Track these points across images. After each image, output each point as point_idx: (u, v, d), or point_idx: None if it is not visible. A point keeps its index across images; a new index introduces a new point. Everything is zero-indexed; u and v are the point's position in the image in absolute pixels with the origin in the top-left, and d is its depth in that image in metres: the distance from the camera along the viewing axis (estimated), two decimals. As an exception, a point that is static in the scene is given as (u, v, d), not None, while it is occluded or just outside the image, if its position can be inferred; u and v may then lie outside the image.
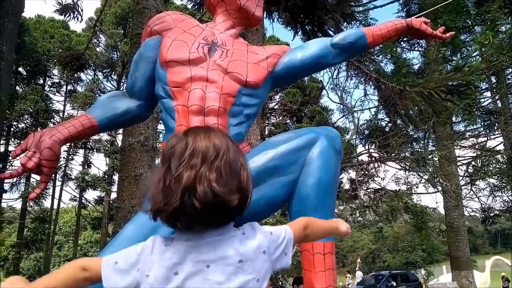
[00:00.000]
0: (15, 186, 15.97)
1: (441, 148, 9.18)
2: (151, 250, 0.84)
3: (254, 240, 0.86)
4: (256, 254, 0.85)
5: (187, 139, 0.84)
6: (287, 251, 0.91)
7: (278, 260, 0.89)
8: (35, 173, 1.44)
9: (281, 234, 0.91)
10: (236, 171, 0.84)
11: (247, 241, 0.85)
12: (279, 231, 0.92)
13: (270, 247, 0.88)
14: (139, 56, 1.71)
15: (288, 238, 0.92)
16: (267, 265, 0.86)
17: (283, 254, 0.90)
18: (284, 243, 0.91)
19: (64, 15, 9.15)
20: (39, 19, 19.63)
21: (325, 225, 1.07)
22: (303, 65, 1.71)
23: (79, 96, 16.99)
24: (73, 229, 23.36)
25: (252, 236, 0.87)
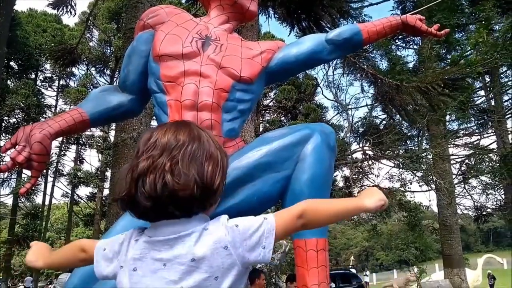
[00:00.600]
0: (6, 181, 15.86)
1: (435, 146, 9.23)
2: (128, 242, 0.85)
3: (212, 235, 0.80)
4: (214, 250, 0.79)
5: (155, 131, 0.86)
6: (265, 244, 0.81)
7: (250, 253, 0.81)
8: (25, 168, 1.41)
9: (253, 225, 0.82)
10: (198, 163, 0.82)
11: (205, 238, 0.80)
12: (250, 223, 0.83)
13: (234, 241, 0.80)
14: (132, 49, 1.68)
15: (267, 229, 0.82)
16: (229, 261, 0.79)
17: (258, 246, 0.81)
18: (257, 235, 0.81)
19: (57, 9, 9.07)
20: (31, 13, 19.44)
21: (340, 207, 0.90)
22: (298, 61, 1.69)
23: (71, 91, 16.87)
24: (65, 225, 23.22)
25: (213, 231, 0.81)
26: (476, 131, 12.04)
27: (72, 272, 1.39)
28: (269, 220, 0.83)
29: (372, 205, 0.87)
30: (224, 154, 0.89)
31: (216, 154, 0.86)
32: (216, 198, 0.87)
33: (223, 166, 0.87)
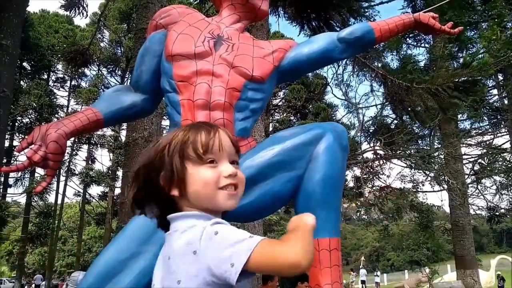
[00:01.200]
0: (20, 181, 16.11)
1: (447, 146, 9.12)
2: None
3: (186, 235, 0.77)
4: (184, 252, 0.76)
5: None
6: (234, 262, 0.70)
7: (218, 267, 0.71)
8: (40, 167, 1.43)
9: (233, 238, 0.73)
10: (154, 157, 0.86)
11: (183, 236, 0.78)
12: (231, 235, 0.74)
13: (206, 248, 0.73)
14: (145, 49, 1.70)
15: (244, 247, 0.71)
16: (194, 268, 0.74)
17: (226, 262, 0.71)
18: (231, 250, 0.71)
19: (69, 11, 9.18)
20: (44, 14, 19.70)
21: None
22: (310, 59, 1.69)
23: (83, 91, 17.05)
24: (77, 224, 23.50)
25: (191, 231, 0.77)
26: (489, 130, 11.88)
27: (86, 270, 1.40)
28: (252, 240, 0.72)
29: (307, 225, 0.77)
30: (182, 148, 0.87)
31: (180, 147, 0.86)
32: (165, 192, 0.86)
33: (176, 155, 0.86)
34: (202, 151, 0.84)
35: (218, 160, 0.86)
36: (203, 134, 0.86)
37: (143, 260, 1.31)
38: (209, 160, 0.85)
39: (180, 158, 0.85)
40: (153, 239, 1.34)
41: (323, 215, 1.41)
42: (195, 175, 0.84)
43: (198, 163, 0.85)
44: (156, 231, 1.36)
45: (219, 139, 0.87)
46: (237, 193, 0.88)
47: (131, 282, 1.28)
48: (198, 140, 0.85)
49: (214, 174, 0.85)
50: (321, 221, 1.41)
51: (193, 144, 0.85)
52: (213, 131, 0.87)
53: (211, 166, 0.85)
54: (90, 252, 33.26)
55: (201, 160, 0.85)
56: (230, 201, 0.86)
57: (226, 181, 0.85)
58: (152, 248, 1.32)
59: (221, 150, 0.86)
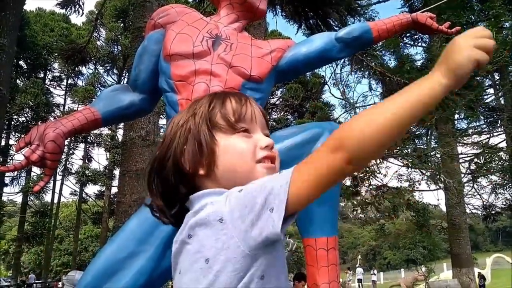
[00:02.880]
0: (16, 180, 16.04)
1: (444, 145, 9.16)
2: None
3: (209, 208, 0.64)
4: (207, 223, 0.62)
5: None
6: (273, 205, 0.57)
7: (255, 225, 0.58)
8: (38, 166, 1.44)
9: (260, 185, 0.61)
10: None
11: (205, 209, 0.65)
12: (256, 183, 0.62)
13: (233, 210, 0.60)
14: (143, 49, 1.70)
15: (277, 185, 0.59)
16: (223, 239, 0.60)
17: (264, 211, 0.58)
18: (262, 196, 0.58)
19: (65, 8, 9.15)
20: (40, 12, 19.61)
21: (401, 104, 0.57)
22: (308, 59, 1.70)
23: (79, 90, 16.99)
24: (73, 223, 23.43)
25: (214, 204, 0.65)
26: (486, 130, 11.93)
27: (83, 270, 1.41)
28: (283, 173, 0.60)
29: (451, 82, 0.58)
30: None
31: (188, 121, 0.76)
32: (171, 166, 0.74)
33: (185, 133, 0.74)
34: (234, 119, 0.73)
35: (251, 130, 0.75)
36: (233, 100, 0.75)
37: (142, 259, 1.31)
38: (242, 129, 0.74)
39: (208, 128, 0.73)
40: (151, 238, 1.35)
41: (320, 214, 1.41)
42: (228, 146, 0.72)
43: (229, 133, 0.73)
44: (155, 230, 1.37)
45: (252, 107, 0.76)
46: (275, 167, 0.75)
47: (129, 281, 1.29)
48: (228, 107, 0.74)
49: (250, 144, 0.73)
50: (319, 220, 1.42)
51: (222, 111, 0.74)
52: (244, 98, 0.77)
53: (246, 135, 0.74)
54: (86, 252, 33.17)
55: (233, 128, 0.73)
56: (268, 175, 0.69)
57: (263, 152, 0.73)
58: (151, 247, 1.32)
59: (254, 119, 0.76)
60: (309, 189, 0.58)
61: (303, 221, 1.45)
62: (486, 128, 11.99)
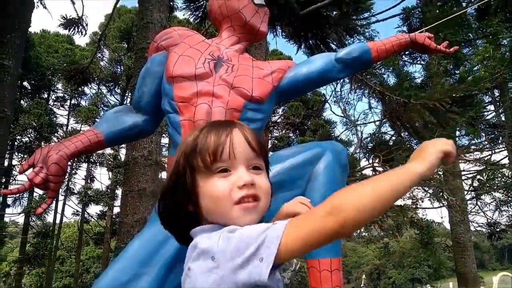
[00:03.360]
0: (18, 200, 15.97)
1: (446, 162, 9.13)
2: None
3: (202, 244, 0.68)
4: (200, 261, 0.66)
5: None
6: (263, 255, 0.61)
7: (243, 269, 0.61)
8: (41, 189, 1.44)
9: (255, 231, 0.64)
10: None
11: (198, 246, 0.69)
12: (251, 229, 0.65)
13: (225, 251, 0.63)
14: (146, 71, 1.72)
15: (269, 236, 0.62)
16: (214, 279, 0.63)
17: (253, 259, 0.61)
18: (255, 244, 0.62)
19: (68, 29, 9.30)
20: (44, 34, 19.90)
21: (384, 184, 0.65)
22: (308, 80, 1.72)
23: (82, 110, 17.09)
24: (75, 244, 23.24)
25: (208, 240, 0.68)
26: (487, 146, 11.91)
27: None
28: (276, 226, 0.64)
29: (425, 169, 0.68)
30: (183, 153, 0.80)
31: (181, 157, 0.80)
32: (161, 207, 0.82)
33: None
34: (210, 160, 0.73)
35: (231, 168, 0.74)
36: (212, 138, 0.74)
37: (145, 281, 1.30)
38: (219, 170, 0.73)
39: (190, 170, 0.75)
40: (155, 260, 1.34)
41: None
42: (205, 188, 0.73)
43: (208, 175, 0.73)
44: (157, 252, 1.36)
45: (231, 142, 0.74)
46: (257, 205, 0.74)
47: (133, 304, 1.28)
48: (206, 147, 0.74)
49: (225, 186, 0.72)
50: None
51: (201, 153, 0.74)
52: (225, 133, 0.75)
53: (222, 176, 0.73)
54: (88, 273, 32.78)
55: (210, 170, 0.73)
56: (248, 216, 0.72)
57: (240, 192, 0.72)
58: (154, 269, 1.31)
59: (232, 156, 0.73)
60: (300, 245, 0.62)
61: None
62: (487, 144, 11.97)
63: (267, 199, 0.76)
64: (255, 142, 0.77)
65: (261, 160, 0.78)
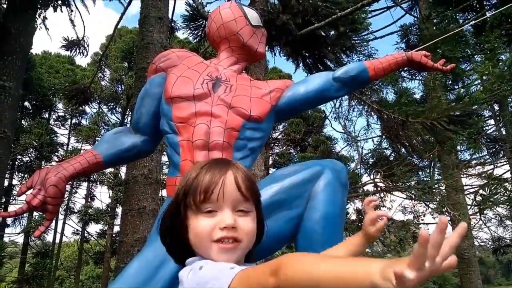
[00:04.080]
0: (17, 220, 15.88)
1: (447, 177, 9.10)
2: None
3: (180, 273, 0.81)
4: (179, 285, 0.78)
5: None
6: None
7: None
8: (39, 211, 1.44)
9: (215, 271, 0.72)
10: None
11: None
12: (213, 269, 0.73)
13: (190, 284, 0.75)
14: (145, 92, 1.74)
15: (223, 281, 0.68)
16: None
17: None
18: (213, 281, 0.70)
19: (70, 50, 9.42)
20: (45, 55, 20.13)
21: (332, 274, 0.58)
22: (306, 99, 1.73)
23: (83, 129, 17.17)
24: (75, 263, 23.00)
25: (184, 270, 0.80)
26: (489, 161, 11.88)
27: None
28: (232, 272, 0.70)
29: (382, 285, 0.54)
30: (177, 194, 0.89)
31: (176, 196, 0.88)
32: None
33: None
34: (200, 200, 0.80)
35: (218, 209, 0.80)
36: (206, 179, 0.80)
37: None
38: (206, 210, 0.80)
39: (184, 206, 0.83)
40: (154, 281, 1.33)
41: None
42: (192, 224, 0.81)
43: (197, 213, 0.81)
44: (158, 272, 1.35)
45: (223, 185, 0.80)
46: (237, 246, 0.79)
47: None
48: (198, 188, 0.80)
49: (207, 226, 0.79)
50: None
51: (193, 192, 0.81)
52: (219, 175, 0.81)
53: (208, 216, 0.80)
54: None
55: (199, 209, 0.80)
56: (224, 255, 0.78)
57: (221, 233, 0.78)
58: (153, 290, 1.30)
59: (220, 199, 0.79)
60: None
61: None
62: (489, 159, 11.95)
63: (249, 240, 0.82)
64: (245, 186, 0.82)
65: (249, 203, 0.83)
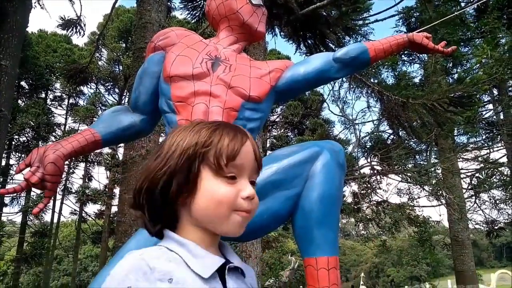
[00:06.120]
0: (16, 199, 15.96)
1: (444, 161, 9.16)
2: None
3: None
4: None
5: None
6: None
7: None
8: (38, 188, 1.43)
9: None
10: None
11: None
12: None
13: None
14: (143, 71, 1.72)
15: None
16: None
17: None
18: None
19: (67, 30, 9.29)
20: (42, 34, 19.85)
21: None
22: (306, 79, 1.72)
23: (80, 109, 17.07)
24: (73, 243, 23.23)
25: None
26: (485, 145, 11.94)
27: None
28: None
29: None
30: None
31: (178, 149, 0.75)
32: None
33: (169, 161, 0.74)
34: (224, 163, 0.72)
35: (238, 176, 0.74)
36: (231, 142, 0.73)
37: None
38: (230, 175, 0.72)
39: (199, 162, 0.72)
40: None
41: (321, 233, 1.41)
42: (210, 187, 0.72)
43: (216, 174, 0.72)
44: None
45: (246, 152, 0.74)
46: (248, 219, 0.76)
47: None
48: (223, 147, 0.72)
49: (231, 192, 0.72)
50: (319, 241, 1.41)
51: (216, 150, 0.72)
52: (240, 142, 0.74)
53: (229, 183, 0.72)
54: (86, 272, 32.77)
55: (221, 172, 0.72)
56: (240, 229, 0.74)
57: (244, 203, 0.73)
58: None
59: (242, 166, 0.73)
60: None
61: (303, 241, 1.44)
62: (486, 143, 12.00)
63: (254, 215, 0.77)
64: (260, 157, 0.78)
65: (257, 175, 0.79)
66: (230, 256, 0.78)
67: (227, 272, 0.72)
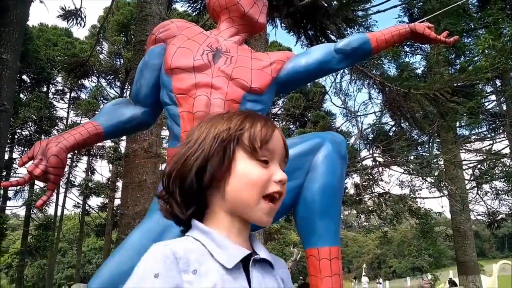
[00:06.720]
0: (19, 193, 16.06)
1: (446, 152, 9.15)
2: None
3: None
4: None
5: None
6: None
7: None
8: (41, 181, 1.44)
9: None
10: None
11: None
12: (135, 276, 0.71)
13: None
14: (144, 63, 1.71)
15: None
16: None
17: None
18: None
19: (67, 21, 9.27)
20: (42, 27, 19.81)
21: None
22: (308, 71, 1.71)
23: (82, 103, 17.10)
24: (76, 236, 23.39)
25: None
26: (488, 136, 11.91)
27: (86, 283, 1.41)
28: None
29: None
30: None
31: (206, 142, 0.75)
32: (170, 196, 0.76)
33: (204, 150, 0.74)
34: (259, 145, 0.73)
35: (271, 161, 0.75)
36: (263, 127, 0.74)
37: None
38: (263, 158, 0.73)
39: (234, 145, 0.73)
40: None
41: (322, 224, 1.42)
42: (245, 169, 0.72)
43: (250, 157, 0.73)
44: (161, 238, 1.37)
45: (277, 138, 0.76)
46: (277, 207, 0.76)
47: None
48: (256, 131, 0.73)
49: (265, 175, 0.73)
50: (321, 231, 1.42)
51: (250, 134, 0.73)
52: (271, 128, 0.76)
53: (264, 166, 0.73)
54: (90, 264, 33.06)
55: (255, 154, 0.73)
56: (268, 217, 0.74)
57: (275, 187, 0.73)
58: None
59: (273, 152, 0.75)
60: None
61: (305, 232, 1.45)
62: (488, 134, 11.96)
63: (280, 203, 0.77)
64: (287, 147, 0.79)
65: (285, 164, 0.80)
66: (258, 248, 0.77)
67: (253, 264, 0.72)
